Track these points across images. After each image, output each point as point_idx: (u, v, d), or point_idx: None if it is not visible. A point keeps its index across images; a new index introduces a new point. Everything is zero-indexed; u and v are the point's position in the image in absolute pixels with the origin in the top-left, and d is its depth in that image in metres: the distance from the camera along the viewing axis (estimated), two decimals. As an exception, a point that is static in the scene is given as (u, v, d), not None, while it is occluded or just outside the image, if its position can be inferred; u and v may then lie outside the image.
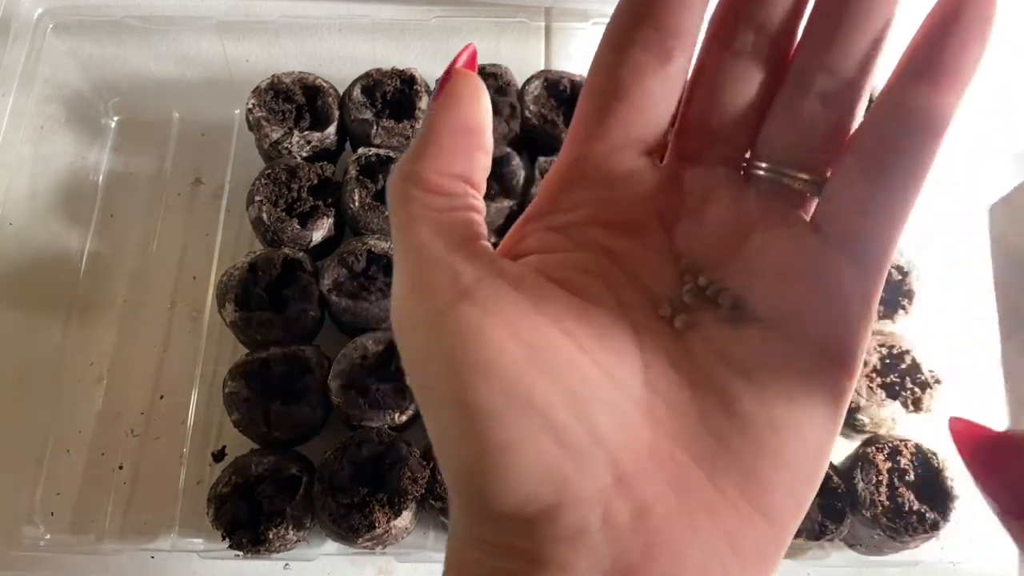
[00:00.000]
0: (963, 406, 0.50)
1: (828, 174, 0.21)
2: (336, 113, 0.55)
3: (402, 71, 0.56)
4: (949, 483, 0.46)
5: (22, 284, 0.56)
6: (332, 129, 0.55)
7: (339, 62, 0.60)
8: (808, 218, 0.21)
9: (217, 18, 0.58)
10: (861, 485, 0.46)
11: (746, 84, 0.21)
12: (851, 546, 0.49)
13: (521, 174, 0.53)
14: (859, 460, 0.47)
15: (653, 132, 0.21)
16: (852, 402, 0.48)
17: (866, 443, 0.48)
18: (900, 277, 0.51)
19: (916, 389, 0.48)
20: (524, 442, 0.19)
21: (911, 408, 0.48)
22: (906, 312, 0.50)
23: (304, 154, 0.54)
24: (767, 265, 0.21)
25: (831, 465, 0.47)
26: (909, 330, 0.51)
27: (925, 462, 0.47)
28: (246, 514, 0.46)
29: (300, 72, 0.55)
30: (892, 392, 0.48)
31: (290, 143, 0.53)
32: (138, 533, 0.50)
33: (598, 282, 0.21)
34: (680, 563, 0.19)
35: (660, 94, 0.21)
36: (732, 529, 0.19)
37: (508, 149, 0.54)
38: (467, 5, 0.60)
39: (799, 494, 0.20)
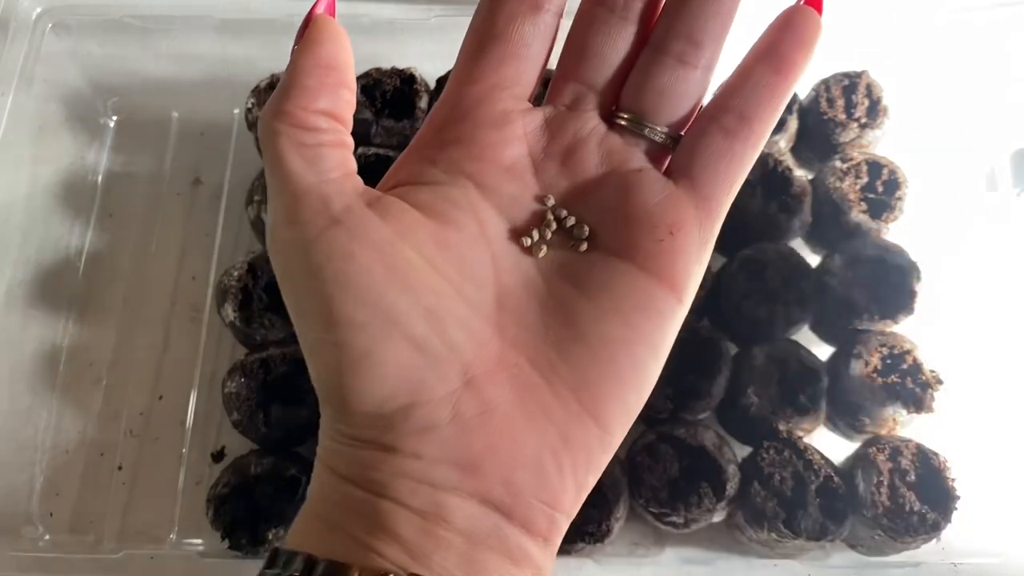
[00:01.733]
0: (965, 407, 0.50)
1: (683, 131, 0.24)
2: (336, 113, 0.55)
3: (402, 71, 0.55)
4: (950, 484, 0.46)
5: (21, 284, 0.56)
6: (332, 129, 0.55)
7: (339, 62, 0.60)
8: (664, 166, 0.25)
9: (217, 17, 0.58)
10: (862, 486, 0.46)
11: (616, 39, 0.24)
12: (852, 547, 0.49)
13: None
14: (860, 461, 0.47)
15: (526, 76, 0.24)
16: (853, 402, 0.48)
17: (867, 444, 0.48)
18: (901, 277, 0.51)
19: (917, 389, 0.48)
20: (384, 351, 0.22)
21: (912, 408, 0.48)
22: (906, 312, 0.50)
23: (304, 154, 0.54)
24: (620, 203, 0.23)
25: (831, 465, 0.47)
26: (910, 330, 0.51)
27: (926, 463, 0.46)
28: (245, 514, 0.46)
29: (300, 72, 0.55)
30: (893, 392, 0.48)
31: (290, 143, 0.53)
32: (137, 533, 0.50)
33: (464, 212, 0.23)
34: (517, 453, 0.23)
35: (532, 41, 0.24)
36: (564, 427, 0.23)
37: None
38: (467, 5, 0.59)
39: (626, 402, 0.23)
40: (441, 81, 0.55)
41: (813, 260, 0.53)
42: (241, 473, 0.46)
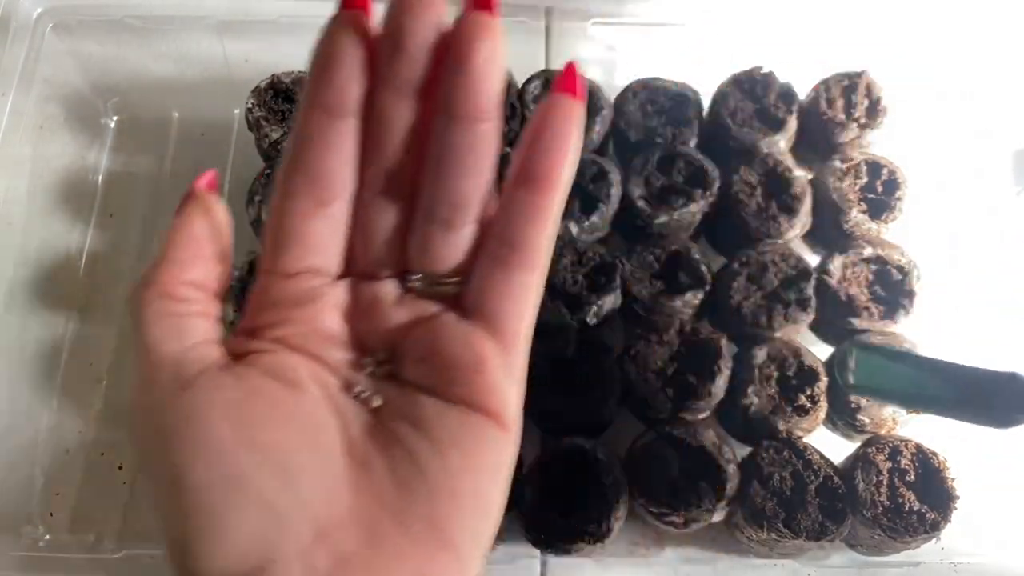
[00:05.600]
0: (963, 406, 0.50)
1: (470, 272, 0.26)
2: (336, 113, 0.55)
3: (402, 71, 0.55)
4: (949, 483, 0.46)
5: (22, 284, 0.56)
6: (332, 129, 0.55)
7: (339, 62, 0.60)
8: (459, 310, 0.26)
9: (217, 18, 0.58)
10: (861, 485, 0.46)
11: (388, 214, 0.25)
12: (851, 546, 0.49)
13: (521, 174, 0.53)
14: (859, 460, 0.47)
15: (325, 260, 0.26)
16: (853, 402, 0.48)
17: (866, 443, 0.48)
18: (900, 277, 0.51)
19: (916, 389, 0.48)
20: (233, 513, 0.22)
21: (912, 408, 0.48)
22: (907, 312, 0.50)
23: (304, 154, 0.54)
24: (429, 352, 0.25)
25: (831, 465, 0.47)
26: (910, 330, 0.51)
27: (925, 462, 0.47)
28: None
29: (300, 72, 0.55)
30: (892, 392, 0.48)
31: (290, 143, 0.53)
32: (137, 533, 0.50)
33: (304, 376, 0.25)
34: None
35: (325, 232, 0.25)
36: (420, 566, 0.23)
37: (508, 149, 0.53)
38: (467, 5, 0.59)
39: (476, 529, 0.24)
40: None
41: (813, 260, 0.53)
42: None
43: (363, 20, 0.24)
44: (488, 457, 0.25)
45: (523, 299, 0.25)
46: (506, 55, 0.23)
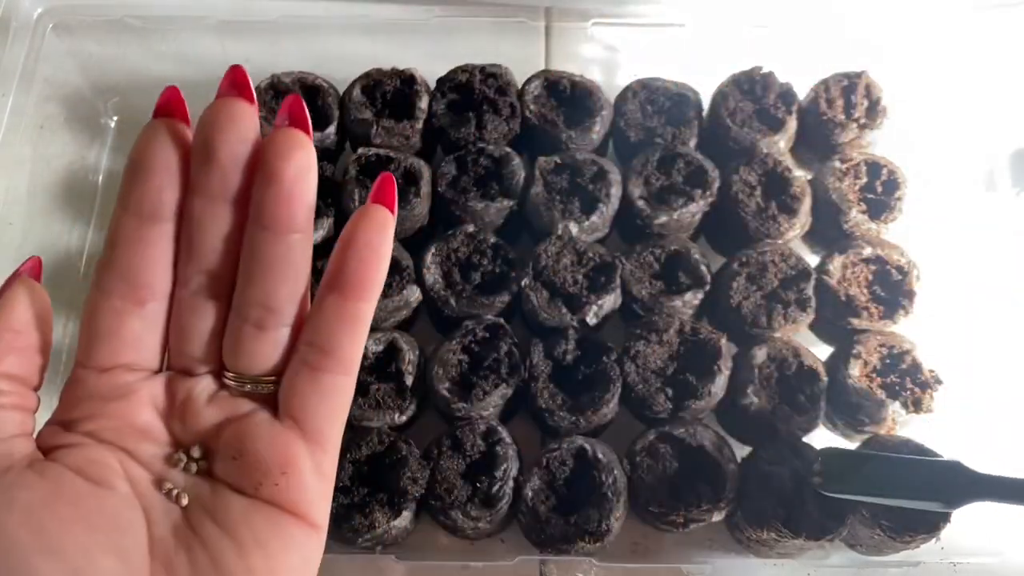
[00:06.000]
0: (964, 406, 0.50)
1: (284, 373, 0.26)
2: (336, 113, 0.55)
3: (402, 71, 0.56)
4: (949, 483, 0.46)
5: (22, 284, 0.56)
6: (332, 129, 0.55)
7: (339, 62, 0.60)
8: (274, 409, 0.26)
9: (217, 18, 0.58)
10: (861, 485, 0.46)
11: (204, 315, 0.25)
12: (851, 546, 0.49)
13: (521, 174, 0.53)
14: (859, 460, 0.47)
15: (141, 356, 0.26)
16: (852, 402, 0.48)
17: (866, 443, 0.48)
18: (900, 277, 0.51)
19: (916, 389, 0.48)
20: None
21: (911, 408, 0.48)
22: (906, 312, 0.50)
23: (304, 154, 0.54)
24: (239, 450, 0.25)
25: (831, 465, 0.47)
26: (909, 330, 0.51)
27: (925, 462, 0.47)
28: (246, 514, 0.46)
29: (300, 72, 0.55)
30: (892, 392, 0.48)
31: (290, 143, 0.53)
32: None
33: (113, 472, 0.25)
34: None
35: (140, 330, 0.25)
36: None
37: (508, 149, 0.54)
38: (467, 5, 0.60)
39: None
40: (441, 81, 0.56)
41: (813, 260, 0.53)
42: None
43: (178, 128, 0.24)
44: (293, 558, 0.25)
45: (333, 401, 0.25)
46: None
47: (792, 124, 0.55)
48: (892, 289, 0.51)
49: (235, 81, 0.24)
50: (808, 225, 0.53)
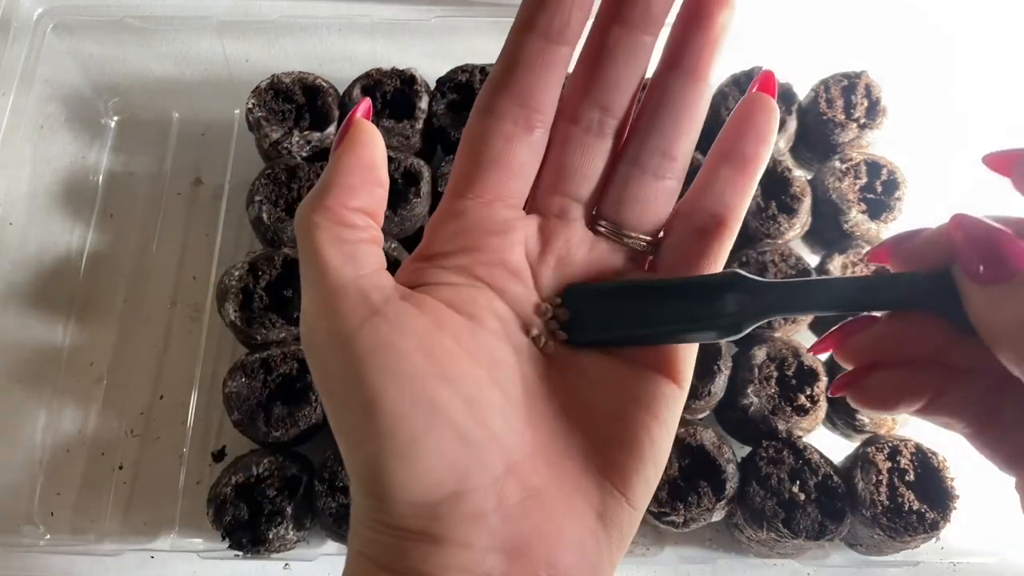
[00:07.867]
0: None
1: (660, 235, 0.26)
2: (336, 113, 0.55)
3: (402, 71, 0.56)
4: (949, 483, 0.46)
5: (22, 284, 0.56)
6: (332, 129, 0.55)
7: (339, 62, 0.60)
8: (645, 265, 0.27)
9: (217, 18, 0.58)
10: (861, 485, 0.46)
11: (593, 156, 0.25)
12: (851, 546, 0.49)
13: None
14: (859, 460, 0.47)
15: (521, 189, 0.26)
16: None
17: (866, 443, 0.48)
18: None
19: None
20: (429, 438, 0.22)
21: (911, 408, 0.48)
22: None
23: (304, 154, 0.54)
24: None
25: (830, 464, 0.47)
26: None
27: (925, 462, 0.47)
28: (246, 514, 0.46)
29: (300, 72, 0.55)
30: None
31: (290, 143, 0.53)
32: (138, 533, 0.50)
33: (484, 309, 0.25)
34: (561, 536, 0.23)
35: (526, 159, 0.25)
36: (599, 506, 0.24)
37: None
38: (467, 5, 0.60)
39: (647, 476, 0.25)
40: (441, 81, 0.56)
41: (813, 260, 0.53)
42: (242, 473, 0.47)
43: None
44: (663, 408, 0.25)
45: (716, 266, 0.26)
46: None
47: (792, 124, 0.55)
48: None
49: None
50: (808, 225, 0.53)
